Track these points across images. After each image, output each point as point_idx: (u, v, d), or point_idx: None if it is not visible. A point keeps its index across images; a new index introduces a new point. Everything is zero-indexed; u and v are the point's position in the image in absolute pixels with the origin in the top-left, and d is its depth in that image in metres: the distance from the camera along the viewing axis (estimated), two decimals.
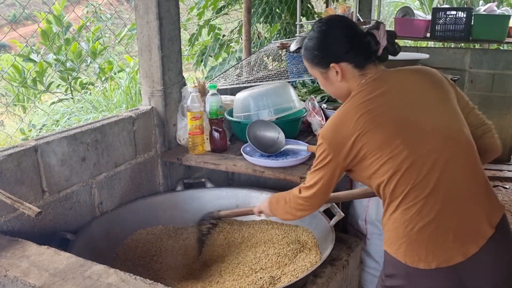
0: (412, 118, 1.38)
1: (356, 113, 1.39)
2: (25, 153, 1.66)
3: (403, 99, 1.42)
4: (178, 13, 2.20)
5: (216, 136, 2.19)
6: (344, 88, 1.51)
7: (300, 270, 1.75)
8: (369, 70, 1.48)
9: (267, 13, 4.18)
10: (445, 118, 1.42)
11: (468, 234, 1.33)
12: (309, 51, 1.53)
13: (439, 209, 1.32)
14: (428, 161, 1.34)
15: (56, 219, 1.79)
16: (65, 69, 4.57)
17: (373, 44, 1.46)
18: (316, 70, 1.54)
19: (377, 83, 1.44)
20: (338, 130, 1.40)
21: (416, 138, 1.36)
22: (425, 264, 1.31)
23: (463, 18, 4.34)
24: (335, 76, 1.49)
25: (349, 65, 1.47)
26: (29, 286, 1.28)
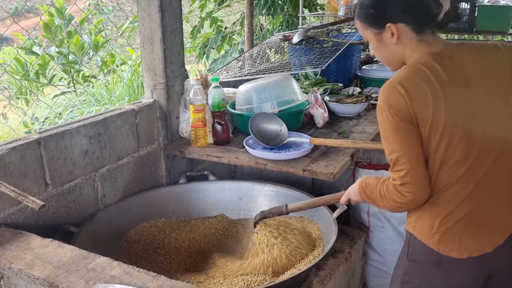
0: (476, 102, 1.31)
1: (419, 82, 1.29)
2: (28, 146, 1.66)
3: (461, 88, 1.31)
4: (180, 5, 2.20)
5: (219, 128, 2.19)
6: (398, 52, 1.40)
7: (303, 262, 1.75)
8: (428, 38, 1.36)
9: (270, 5, 4.16)
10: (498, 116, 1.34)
11: (496, 226, 1.37)
12: (364, 9, 1.41)
13: (477, 203, 1.34)
14: (478, 158, 1.31)
15: (60, 212, 1.80)
16: (68, 62, 4.56)
17: (434, 7, 1.34)
18: (369, 30, 1.42)
19: (440, 53, 1.33)
20: (400, 97, 1.28)
21: (472, 128, 1.30)
22: (458, 253, 1.34)
23: (467, 9, 4.30)
24: (390, 38, 1.38)
25: (407, 27, 1.35)
26: (33, 278, 1.29)
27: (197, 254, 2.00)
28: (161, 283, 1.24)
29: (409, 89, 1.28)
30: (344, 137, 2.22)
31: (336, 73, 2.98)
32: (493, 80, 1.35)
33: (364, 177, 1.51)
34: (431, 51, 1.35)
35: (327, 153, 2.03)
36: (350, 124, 2.41)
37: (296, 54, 2.87)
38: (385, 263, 2.25)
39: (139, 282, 1.25)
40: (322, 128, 2.37)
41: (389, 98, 1.30)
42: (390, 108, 1.29)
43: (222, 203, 2.24)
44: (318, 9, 4.50)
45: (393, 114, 1.29)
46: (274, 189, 2.19)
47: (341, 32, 3.32)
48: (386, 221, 2.23)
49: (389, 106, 1.29)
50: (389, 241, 2.23)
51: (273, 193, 2.19)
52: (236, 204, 2.23)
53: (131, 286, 1.23)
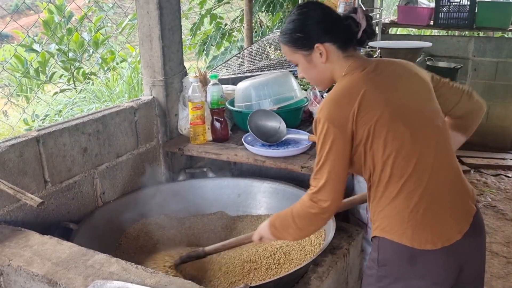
0: (408, 100, 1.41)
1: (359, 87, 1.37)
2: (27, 143, 1.67)
3: (395, 82, 1.44)
4: (178, 2, 2.20)
5: (218, 126, 2.20)
6: (328, 71, 1.48)
7: (301, 259, 1.76)
8: (353, 53, 1.47)
9: (269, 2, 4.16)
10: (431, 104, 1.46)
11: (461, 212, 1.40)
12: (290, 34, 1.48)
13: (438, 191, 1.37)
14: (425, 145, 1.37)
15: (59, 209, 1.81)
16: (68, 59, 4.56)
17: (353, 26, 1.46)
18: (298, 53, 1.49)
19: (369, 64, 1.44)
20: (341, 106, 1.36)
21: (413, 122, 1.38)
22: (432, 245, 1.34)
23: (467, 5, 4.31)
24: (319, 58, 1.46)
25: (333, 45, 1.45)
26: (32, 275, 1.30)
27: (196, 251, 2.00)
28: (158, 280, 1.25)
29: (354, 97, 1.35)
30: None
31: None
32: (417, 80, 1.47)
33: (269, 219, 1.57)
34: (360, 63, 1.44)
35: None
36: None
37: None
38: None
39: (137, 278, 1.26)
40: None
41: (333, 112, 1.36)
42: (330, 122, 1.35)
43: (221, 200, 2.24)
44: None
45: (331, 127, 1.34)
46: (273, 186, 2.19)
47: None
48: None
49: (329, 121, 1.35)
50: None
51: (272, 190, 2.19)
52: (235, 201, 2.24)
53: (129, 282, 1.24)
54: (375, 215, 1.43)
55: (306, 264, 1.63)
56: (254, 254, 1.81)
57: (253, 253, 1.81)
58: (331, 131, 1.34)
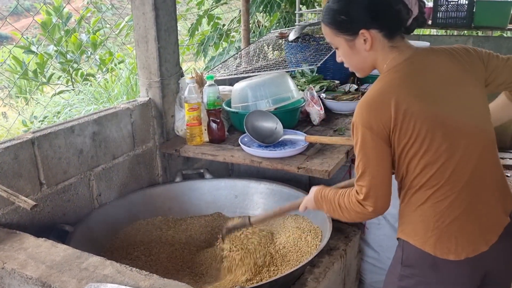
0: (452, 105, 1.33)
1: (396, 92, 1.29)
2: (22, 146, 1.66)
3: (438, 89, 1.34)
4: (174, 3, 2.19)
5: (214, 127, 2.19)
6: (370, 59, 1.39)
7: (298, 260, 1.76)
8: (399, 44, 1.37)
9: (266, 2, 4.15)
10: (477, 111, 1.38)
11: (490, 224, 1.36)
12: (334, 15, 1.37)
13: (469, 202, 1.33)
14: (465, 155, 1.31)
15: (55, 211, 1.80)
16: (66, 61, 4.56)
17: (404, 13, 1.35)
18: (340, 37, 1.38)
19: (412, 58, 1.35)
20: (378, 111, 1.29)
21: (454, 130, 1.31)
22: (455, 255, 1.31)
23: (465, 5, 4.30)
24: (363, 44, 1.36)
25: (379, 33, 1.34)
26: (26, 278, 1.29)
27: (193, 252, 2.00)
28: (153, 282, 1.24)
29: (387, 103, 1.28)
30: (340, 134, 2.22)
31: (333, 70, 2.97)
32: (464, 76, 1.37)
33: (319, 188, 1.53)
34: (403, 58, 1.35)
35: (322, 150, 2.03)
36: (346, 121, 2.41)
37: (292, 52, 2.87)
38: (381, 260, 2.25)
39: (131, 281, 1.25)
40: (318, 126, 2.37)
41: (368, 117, 1.30)
42: (366, 128, 1.29)
43: (218, 201, 2.24)
44: (316, 6, 4.49)
45: (368, 133, 1.29)
46: (270, 187, 2.19)
47: None
48: (382, 218, 2.23)
49: (364, 126, 1.30)
50: (385, 238, 2.23)
51: (268, 191, 2.19)
52: (232, 202, 2.23)
53: (123, 285, 1.23)
54: (402, 218, 1.42)
55: (302, 265, 1.63)
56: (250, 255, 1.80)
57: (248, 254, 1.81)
58: (369, 136, 1.30)
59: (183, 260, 1.94)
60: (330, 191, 1.48)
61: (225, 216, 2.20)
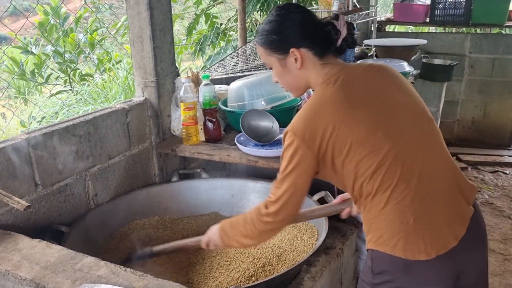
0: (387, 109, 1.36)
1: (331, 103, 1.33)
2: (16, 146, 1.66)
3: (374, 90, 1.38)
4: (169, 3, 2.19)
5: (210, 126, 2.19)
6: (303, 77, 1.44)
7: (294, 259, 1.75)
8: (330, 61, 1.42)
9: (263, 1, 4.15)
10: (414, 106, 1.41)
11: (455, 216, 1.34)
12: (266, 36, 1.43)
13: (429, 197, 1.31)
14: (409, 151, 1.32)
15: (50, 212, 1.80)
16: (64, 61, 4.56)
17: (333, 33, 1.41)
18: (273, 57, 1.44)
19: (345, 73, 1.39)
20: (312, 123, 1.32)
21: (394, 129, 1.33)
22: (426, 254, 1.29)
23: (463, 2, 4.30)
24: (294, 63, 1.41)
25: (309, 51, 1.40)
26: (20, 279, 1.29)
27: (190, 252, 2.00)
28: (147, 283, 1.24)
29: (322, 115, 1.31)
30: None
31: None
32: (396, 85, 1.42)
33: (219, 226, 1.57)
34: (335, 72, 1.39)
35: None
36: None
37: None
38: None
39: (125, 281, 1.25)
40: None
41: (304, 128, 1.32)
42: (301, 137, 1.31)
43: (215, 200, 2.23)
44: (313, 4, 4.48)
45: (300, 144, 1.31)
46: (266, 186, 2.18)
47: None
48: None
49: (299, 137, 1.31)
50: None
51: (265, 190, 2.17)
52: (229, 202, 2.23)
53: (117, 286, 1.23)
54: (366, 227, 1.39)
55: (298, 264, 1.62)
56: (246, 255, 1.80)
57: (245, 254, 1.80)
58: (299, 146, 1.32)
59: (179, 260, 1.93)
60: (232, 220, 1.53)
61: (222, 215, 2.20)
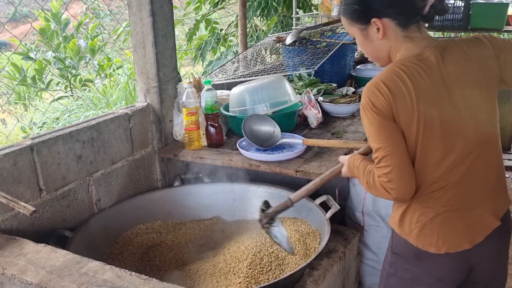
0: (449, 113, 1.31)
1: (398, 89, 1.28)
2: (21, 152, 1.67)
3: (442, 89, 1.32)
4: (171, 9, 2.21)
5: (212, 131, 2.20)
6: (385, 48, 1.39)
7: (297, 263, 1.76)
8: (414, 33, 1.35)
9: (263, 7, 4.17)
10: (480, 113, 1.35)
11: (477, 224, 1.37)
12: (348, 5, 1.40)
13: (456, 200, 1.35)
14: (457, 157, 1.32)
15: (54, 217, 1.81)
16: (64, 67, 4.58)
17: (419, 0, 1.34)
18: (355, 26, 1.41)
19: (425, 54, 1.33)
20: (380, 96, 1.29)
21: (451, 134, 1.31)
22: (436, 249, 1.35)
23: (461, 7, 4.32)
24: (376, 33, 1.37)
25: (392, 21, 1.34)
26: (26, 283, 1.30)
27: (193, 256, 2.01)
28: (152, 286, 1.25)
29: (390, 89, 1.28)
30: (337, 137, 2.23)
31: (330, 74, 2.99)
32: (475, 77, 1.34)
33: (351, 157, 1.51)
34: (415, 52, 1.34)
35: (320, 153, 2.04)
36: (344, 124, 2.42)
37: (290, 55, 2.88)
38: (381, 262, 2.24)
39: (130, 285, 1.26)
40: (316, 129, 2.38)
41: (372, 98, 1.30)
42: (373, 107, 1.29)
43: (217, 205, 2.24)
44: (313, 10, 4.51)
45: (376, 113, 1.29)
46: (268, 190, 2.19)
47: (335, 32, 3.33)
48: (381, 220, 2.23)
49: (372, 105, 1.30)
50: (384, 240, 2.23)
51: (267, 194, 2.19)
52: (231, 206, 2.24)
53: None
54: (395, 205, 1.45)
55: (301, 268, 1.64)
56: (249, 258, 1.81)
57: (248, 257, 1.81)
58: (376, 116, 1.30)
59: (182, 264, 1.94)
60: (360, 164, 1.45)
61: (224, 220, 2.21)
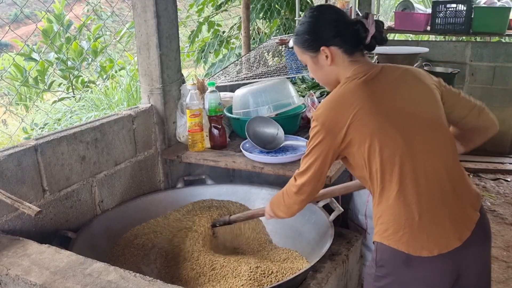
0: (404, 107, 1.43)
1: (354, 96, 1.41)
2: (25, 152, 1.67)
3: (396, 88, 1.46)
4: (176, 11, 2.21)
5: (216, 133, 2.20)
6: (333, 73, 1.53)
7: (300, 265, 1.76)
8: (359, 59, 1.51)
9: (266, 9, 4.18)
10: (431, 109, 1.47)
11: (460, 219, 1.39)
12: (300, 35, 1.55)
13: (434, 198, 1.37)
14: (421, 151, 1.38)
15: (57, 217, 1.81)
16: (67, 68, 4.58)
17: (362, 31, 1.49)
18: (306, 54, 1.56)
19: (370, 70, 1.48)
20: (334, 111, 1.42)
21: (409, 128, 1.40)
22: (428, 251, 1.35)
23: (463, 11, 4.33)
24: (325, 60, 1.51)
25: (339, 49, 1.50)
26: (30, 284, 1.30)
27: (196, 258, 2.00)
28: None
29: (345, 106, 1.40)
30: None
31: None
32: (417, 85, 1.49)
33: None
34: (363, 70, 1.48)
35: None
36: None
37: (293, 58, 2.88)
38: None
39: (135, 286, 1.26)
40: None
41: (328, 115, 1.42)
42: (323, 124, 1.42)
43: None
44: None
45: (324, 131, 1.42)
46: (271, 192, 2.18)
47: None
48: None
49: (323, 123, 1.42)
50: None
51: (270, 196, 2.16)
52: None
53: None
54: (375, 220, 1.46)
55: (304, 270, 1.63)
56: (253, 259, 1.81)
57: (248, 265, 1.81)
58: (320, 132, 1.43)
59: (185, 266, 1.94)
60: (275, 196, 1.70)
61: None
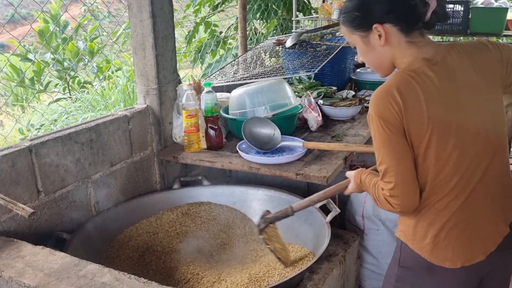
0: (461, 119, 1.28)
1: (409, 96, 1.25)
2: (19, 153, 1.66)
3: (454, 94, 1.28)
4: (172, 11, 2.20)
5: (212, 133, 2.19)
6: (388, 55, 1.35)
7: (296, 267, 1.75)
8: (416, 39, 1.32)
9: (263, 9, 4.17)
10: (491, 117, 1.33)
11: (488, 233, 1.35)
12: (348, 13, 1.36)
13: (470, 212, 1.32)
14: (470, 165, 1.29)
15: (52, 219, 1.79)
16: (63, 68, 4.56)
17: (421, 6, 1.30)
18: (356, 34, 1.37)
19: (431, 67, 1.28)
20: (389, 104, 1.25)
21: (464, 141, 1.28)
22: (451, 263, 1.31)
23: (461, 11, 4.32)
24: (378, 40, 1.33)
25: (394, 27, 1.31)
26: (23, 286, 1.29)
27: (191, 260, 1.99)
28: None
29: (402, 98, 1.24)
30: (337, 141, 2.22)
31: (330, 77, 2.98)
32: (483, 81, 1.32)
33: (357, 172, 1.50)
34: (422, 56, 1.30)
35: (320, 156, 2.03)
36: (344, 127, 2.41)
37: (290, 58, 2.88)
38: (380, 266, 2.25)
39: None
40: (316, 132, 2.37)
41: (380, 108, 1.26)
42: (381, 119, 1.25)
43: None
44: (312, 13, 4.51)
45: (383, 125, 1.25)
46: (268, 193, 2.18)
47: (335, 36, 3.33)
48: (381, 224, 2.22)
49: (379, 117, 1.26)
50: (384, 243, 2.23)
51: (267, 197, 2.18)
52: None
53: None
54: (403, 218, 1.40)
55: (301, 271, 1.62)
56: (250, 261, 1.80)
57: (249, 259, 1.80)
58: (384, 127, 1.25)
59: (181, 267, 1.93)
60: (366, 178, 1.44)
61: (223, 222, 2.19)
